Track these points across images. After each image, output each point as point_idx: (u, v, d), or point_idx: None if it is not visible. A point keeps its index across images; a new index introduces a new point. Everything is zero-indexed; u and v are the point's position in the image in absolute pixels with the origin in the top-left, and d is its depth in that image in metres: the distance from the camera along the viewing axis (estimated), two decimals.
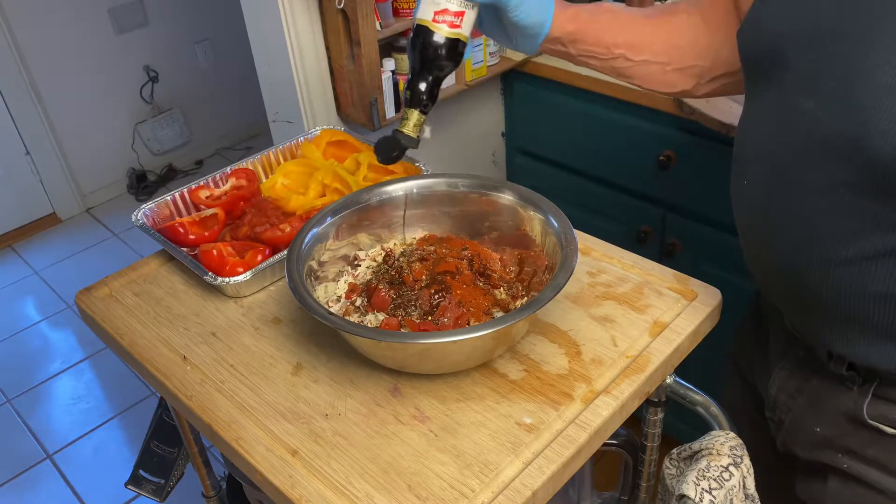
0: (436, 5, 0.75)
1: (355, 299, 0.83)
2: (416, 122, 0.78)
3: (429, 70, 0.77)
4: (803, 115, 0.66)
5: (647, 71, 0.84)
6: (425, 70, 0.77)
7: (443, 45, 0.76)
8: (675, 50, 0.83)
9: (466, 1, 0.75)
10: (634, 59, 0.83)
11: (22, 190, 3.06)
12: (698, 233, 1.50)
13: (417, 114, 0.77)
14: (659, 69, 0.84)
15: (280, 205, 1.04)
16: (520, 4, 0.75)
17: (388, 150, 0.79)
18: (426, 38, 0.76)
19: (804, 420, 0.82)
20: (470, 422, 0.73)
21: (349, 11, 1.36)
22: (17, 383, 2.40)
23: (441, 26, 0.75)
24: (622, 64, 0.83)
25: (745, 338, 0.95)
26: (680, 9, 0.84)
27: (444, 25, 0.75)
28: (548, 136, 1.74)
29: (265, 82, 1.55)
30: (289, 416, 0.75)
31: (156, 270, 0.99)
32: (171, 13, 3.18)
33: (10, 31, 2.80)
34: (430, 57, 0.76)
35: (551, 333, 0.82)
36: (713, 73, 0.84)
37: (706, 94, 0.87)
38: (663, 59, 0.83)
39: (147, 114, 3.28)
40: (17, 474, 2.09)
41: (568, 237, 0.80)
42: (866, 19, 0.61)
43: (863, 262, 0.66)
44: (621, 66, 0.84)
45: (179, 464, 1.13)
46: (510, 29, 0.79)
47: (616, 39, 0.82)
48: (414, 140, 0.78)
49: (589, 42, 0.82)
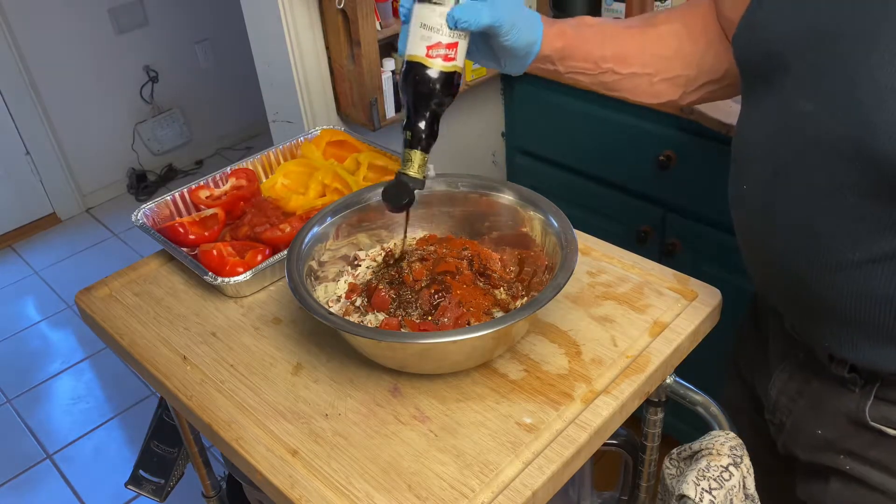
0: (427, 40, 0.71)
1: (355, 299, 0.83)
2: (421, 162, 0.74)
3: (426, 107, 0.73)
4: (805, 117, 0.65)
5: (634, 83, 0.84)
6: (423, 108, 0.73)
7: (438, 79, 0.72)
8: (661, 60, 0.83)
9: (458, 31, 0.71)
10: (622, 72, 0.82)
11: (22, 190, 3.06)
12: (698, 233, 1.50)
13: (421, 154, 0.74)
14: (646, 81, 0.84)
15: (280, 205, 1.04)
16: (512, 28, 0.73)
17: (398, 198, 0.75)
18: (420, 74, 0.72)
19: (805, 422, 0.82)
20: (470, 422, 0.73)
21: (349, 11, 1.36)
22: (17, 383, 2.40)
23: (435, 61, 0.72)
24: (610, 78, 0.83)
25: (744, 340, 0.95)
26: (660, 19, 0.84)
27: (439, 59, 0.72)
28: (548, 136, 1.74)
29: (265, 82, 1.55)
30: (289, 416, 0.75)
31: (156, 270, 0.99)
32: (171, 13, 3.18)
33: (10, 31, 2.80)
34: (427, 93, 0.72)
35: (551, 333, 0.82)
36: (698, 81, 0.84)
37: (692, 103, 0.87)
38: (650, 71, 0.83)
39: (147, 114, 3.28)
40: (17, 474, 2.09)
41: (568, 237, 0.80)
42: (866, 20, 0.60)
43: (867, 264, 0.66)
44: (609, 80, 0.83)
45: (179, 464, 1.13)
46: (500, 52, 0.77)
47: (603, 53, 0.81)
48: (420, 182, 0.75)
49: (577, 58, 0.81)
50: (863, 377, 0.74)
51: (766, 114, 0.71)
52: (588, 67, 0.82)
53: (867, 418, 0.75)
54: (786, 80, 0.67)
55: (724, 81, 0.84)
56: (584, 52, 0.81)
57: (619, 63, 0.82)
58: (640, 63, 0.82)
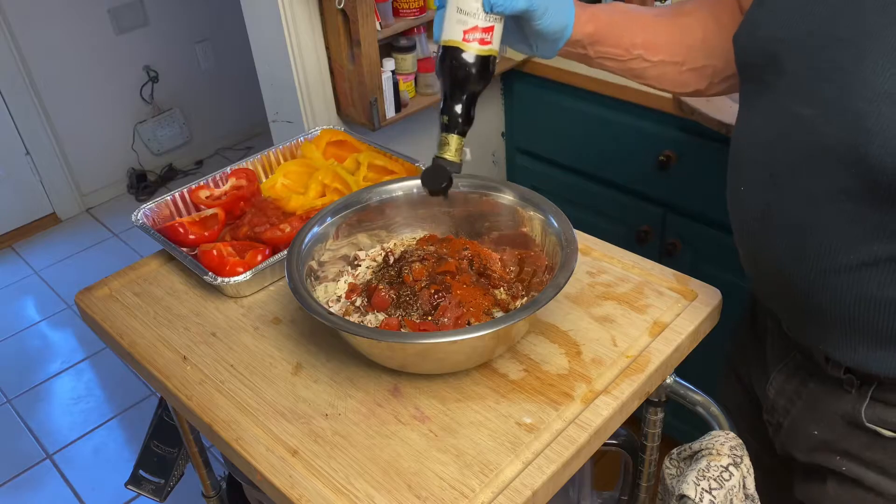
0: (464, 24, 0.72)
1: (355, 299, 0.83)
2: (458, 146, 0.74)
3: (463, 91, 0.73)
4: (801, 121, 0.65)
5: (662, 71, 0.83)
6: (459, 92, 0.73)
7: (475, 63, 0.73)
8: (689, 50, 0.82)
9: (494, 14, 0.72)
10: (651, 59, 0.82)
11: (22, 190, 3.06)
12: (698, 233, 1.50)
13: (457, 138, 0.74)
14: (674, 69, 0.83)
15: (280, 205, 1.04)
16: (546, 12, 0.73)
17: (437, 181, 0.75)
18: (457, 58, 0.73)
19: (802, 423, 0.82)
20: (470, 422, 0.73)
21: (349, 11, 1.36)
22: (17, 383, 2.40)
23: (472, 45, 0.72)
24: (639, 65, 0.83)
25: (742, 341, 0.95)
26: (689, 9, 0.84)
27: (476, 43, 0.72)
28: (548, 136, 1.74)
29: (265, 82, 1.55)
30: (289, 416, 0.75)
31: (156, 270, 0.99)
32: (171, 13, 3.18)
33: (10, 31, 2.80)
34: (464, 77, 0.73)
35: (551, 333, 0.82)
36: (726, 72, 0.83)
37: (718, 93, 0.87)
38: (678, 59, 0.82)
39: (147, 114, 3.28)
40: (17, 474, 2.09)
41: (568, 237, 0.80)
42: (863, 25, 0.60)
43: (863, 268, 0.66)
44: (638, 66, 0.83)
45: (179, 464, 1.13)
46: (532, 36, 0.77)
47: (634, 40, 0.81)
48: (458, 165, 0.75)
49: (608, 43, 0.80)
50: (859, 378, 0.74)
51: (763, 116, 0.71)
52: (618, 53, 0.81)
53: (863, 420, 0.75)
54: (783, 83, 0.67)
55: None
56: (615, 38, 0.80)
57: (648, 50, 0.82)
58: (670, 52, 0.82)
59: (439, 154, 0.75)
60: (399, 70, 1.52)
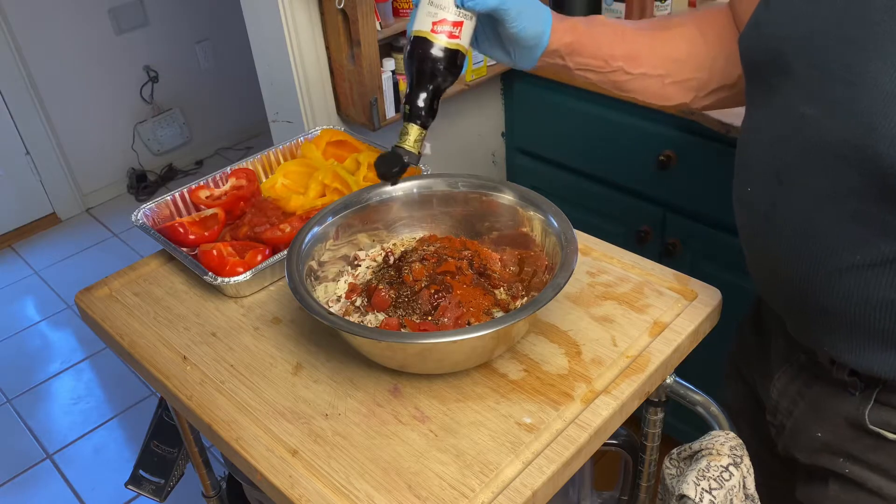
0: (433, 16, 0.73)
1: (355, 299, 0.83)
2: (417, 137, 0.76)
3: (428, 82, 0.75)
4: (808, 121, 0.65)
5: (645, 84, 0.84)
6: (424, 83, 0.75)
7: (442, 56, 0.74)
8: (673, 63, 0.82)
9: (465, 10, 0.73)
10: (633, 71, 0.82)
11: (22, 190, 3.06)
12: (698, 233, 1.50)
13: (417, 128, 0.76)
14: (657, 82, 0.83)
15: (280, 205, 1.04)
16: (519, 15, 0.73)
17: (389, 166, 0.77)
18: (424, 49, 0.74)
19: (805, 425, 0.81)
20: (470, 422, 0.73)
21: (349, 11, 1.36)
22: (17, 383, 2.40)
23: (440, 37, 0.73)
24: (620, 77, 0.83)
25: (745, 341, 0.95)
26: (675, 22, 0.84)
27: (443, 35, 0.73)
28: (548, 136, 1.74)
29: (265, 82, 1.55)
30: (289, 416, 0.75)
31: (156, 270, 0.99)
32: (171, 13, 3.18)
33: (10, 31, 2.80)
34: (429, 69, 0.74)
35: (551, 333, 0.82)
36: (710, 86, 0.84)
37: (704, 108, 0.87)
38: (661, 72, 0.82)
39: (147, 114, 3.28)
40: (17, 474, 2.09)
41: (568, 237, 0.80)
42: (871, 25, 0.60)
43: (870, 269, 0.65)
44: (619, 79, 0.83)
45: (179, 464, 1.13)
46: (508, 42, 0.78)
47: (613, 51, 0.81)
48: (415, 156, 0.76)
49: (587, 54, 0.81)
50: (863, 381, 0.74)
51: (770, 116, 0.71)
52: (598, 65, 0.82)
53: (867, 422, 0.75)
54: (789, 83, 0.67)
55: (737, 88, 0.83)
56: (593, 49, 0.81)
57: (629, 62, 0.82)
58: (651, 64, 0.82)
59: (398, 143, 0.76)
60: (399, 70, 1.52)
